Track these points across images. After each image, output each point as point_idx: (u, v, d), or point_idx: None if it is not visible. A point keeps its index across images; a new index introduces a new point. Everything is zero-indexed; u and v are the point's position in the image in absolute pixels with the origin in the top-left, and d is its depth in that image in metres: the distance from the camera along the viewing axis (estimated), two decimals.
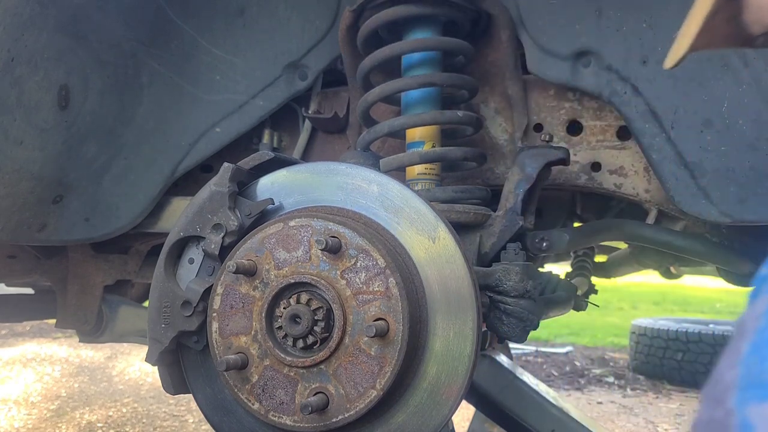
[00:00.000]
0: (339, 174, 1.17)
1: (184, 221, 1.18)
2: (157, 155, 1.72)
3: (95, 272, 2.02)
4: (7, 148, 1.42)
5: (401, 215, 1.12)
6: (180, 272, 1.20)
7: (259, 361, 1.09)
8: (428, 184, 1.51)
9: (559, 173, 1.62)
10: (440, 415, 1.07)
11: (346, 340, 1.04)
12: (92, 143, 1.62)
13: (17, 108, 1.42)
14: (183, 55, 1.71)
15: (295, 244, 1.08)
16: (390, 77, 1.56)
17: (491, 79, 1.65)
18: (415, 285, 1.08)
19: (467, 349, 1.06)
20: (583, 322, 8.31)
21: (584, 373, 5.62)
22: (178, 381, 1.22)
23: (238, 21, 1.71)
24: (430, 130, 1.52)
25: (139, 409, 4.22)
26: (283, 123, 1.88)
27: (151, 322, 1.18)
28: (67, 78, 1.51)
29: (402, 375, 1.05)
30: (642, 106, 1.44)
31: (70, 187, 1.62)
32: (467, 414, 3.43)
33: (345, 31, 1.58)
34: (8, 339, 6.48)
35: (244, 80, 1.73)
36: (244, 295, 1.10)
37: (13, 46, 1.36)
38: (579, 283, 2.59)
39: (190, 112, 1.73)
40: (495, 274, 1.27)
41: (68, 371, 5.21)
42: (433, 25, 1.53)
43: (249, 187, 1.21)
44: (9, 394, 4.43)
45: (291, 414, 1.06)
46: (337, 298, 1.04)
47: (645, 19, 1.43)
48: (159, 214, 1.78)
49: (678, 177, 1.42)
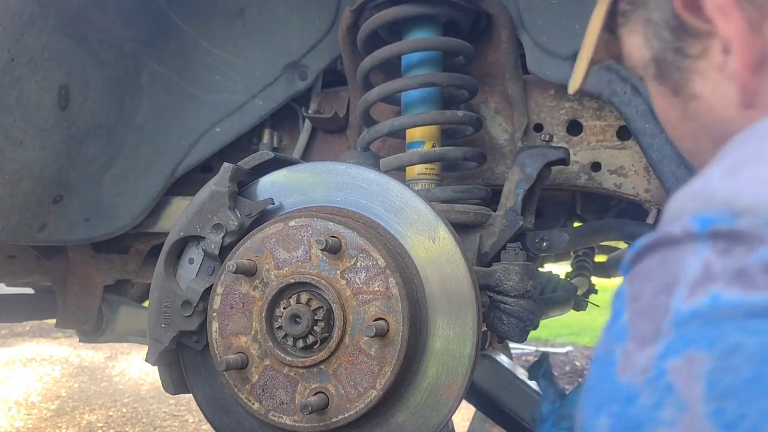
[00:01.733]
0: (339, 174, 1.17)
1: (184, 221, 1.18)
2: (157, 155, 1.72)
3: (95, 272, 2.02)
4: (7, 148, 1.42)
5: (401, 215, 1.12)
6: (180, 272, 1.20)
7: (259, 361, 1.08)
8: (428, 184, 1.51)
9: (559, 173, 1.62)
10: (440, 415, 1.07)
11: (346, 340, 1.04)
12: (92, 143, 1.62)
13: (17, 108, 1.42)
14: (183, 56, 1.71)
15: (295, 244, 1.08)
16: (390, 77, 1.56)
17: (491, 79, 1.65)
18: (415, 285, 1.08)
19: (467, 349, 1.06)
20: (583, 322, 8.30)
21: (584, 373, 5.62)
22: (178, 381, 1.22)
23: (238, 21, 1.71)
24: (430, 130, 1.52)
25: (139, 409, 4.22)
26: (283, 123, 1.88)
27: (151, 322, 1.17)
28: (67, 78, 1.51)
29: (402, 375, 1.05)
30: (642, 105, 1.44)
31: (70, 187, 1.62)
32: (467, 414, 3.43)
33: (345, 31, 1.58)
34: (8, 339, 6.48)
35: (244, 80, 1.73)
36: (244, 294, 1.10)
37: (14, 46, 1.36)
38: (579, 283, 2.60)
39: (190, 112, 1.73)
40: (495, 274, 1.27)
41: (68, 371, 5.21)
42: (433, 25, 1.53)
43: (249, 187, 1.21)
44: (9, 394, 4.43)
45: (291, 414, 1.06)
46: (337, 298, 1.04)
47: None
48: (159, 214, 1.78)
49: (678, 177, 1.42)
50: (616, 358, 0.51)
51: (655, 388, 0.46)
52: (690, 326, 0.47)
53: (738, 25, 0.63)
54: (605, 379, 0.51)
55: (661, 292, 0.50)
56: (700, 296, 0.47)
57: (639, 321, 0.50)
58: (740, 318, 0.45)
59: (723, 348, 0.44)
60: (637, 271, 0.54)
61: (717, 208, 0.49)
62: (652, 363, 0.47)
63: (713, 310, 0.46)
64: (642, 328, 0.50)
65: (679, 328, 0.47)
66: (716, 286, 0.46)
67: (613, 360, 0.51)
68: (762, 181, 0.47)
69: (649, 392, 0.47)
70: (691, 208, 0.51)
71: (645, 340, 0.49)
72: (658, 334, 0.48)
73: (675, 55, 0.71)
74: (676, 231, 0.51)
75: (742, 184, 0.48)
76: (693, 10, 0.67)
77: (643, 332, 0.49)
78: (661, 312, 0.49)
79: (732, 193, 0.49)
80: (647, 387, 0.47)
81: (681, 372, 0.45)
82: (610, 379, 0.50)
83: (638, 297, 0.52)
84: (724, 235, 0.47)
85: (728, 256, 0.47)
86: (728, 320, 0.45)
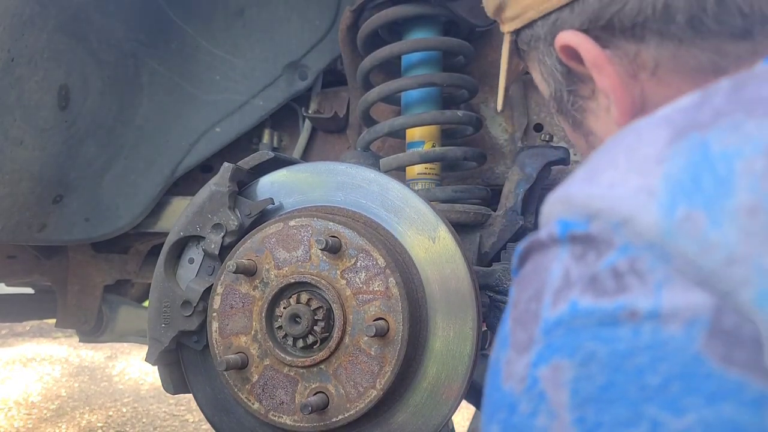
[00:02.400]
0: (339, 174, 1.17)
1: (184, 221, 1.18)
2: (157, 155, 1.72)
3: (95, 272, 2.02)
4: (7, 148, 1.42)
5: (401, 215, 1.12)
6: (180, 272, 1.20)
7: (259, 360, 1.09)
8: (428, 183, 1.51)
9: (559, 173, 1.62)
10: (440, 415, 1.07)
11: (346, 340, 1.04)
12: (92, 143, 1.62)
13: (17, 108, 1.42)
14: (183, 55, 1.71)
15: (295, 244, 1.08)
16: (390, 77, 1.56)
17: (491, 79, 1.65)
18: (415, 285, 1.08)
19: (467, 349, 1.06)
20: None
21: None
22: (178, 381, 1.22)
23: (238, 21, 1.72)
24: (430, 130, 1.52)
25: (139, 409, 4.22)
26: (283, 123, 1.88)
27: (151, 322, 1.18)
28: (67, 78, 1.51)
29: (402, 375, 1.05)
30: None
31: (70, 187, 1.62)
32: (467, 414, 3.43)
33: (345, 31, 1.58)
34: (8, 339, 6.48)
35: (244, 80, 1.73)
36: (244, 294, 1.10)
37: (14, 46, 1.36)
38: None
39: (190, 112, 1.73)
40: (495, 273, 1.27)
41: (68, 371, 5.21)
42: (433, 25, 1.53)
43: (249, 186, 1.21)
44: (9, 394, 4.43)
45: (291, 414, 1.06)
46: (337, 298, 1.04)
47: None
48: (159, 214, 1.78)
49: None
50: (502, 365, 0.52)
51: (530, 396, 0.48)
52: (555, 334, 0.48)
53: (612, 79, 0.68)
54: (494, 387, 0.53)
55: (532, 299, 0.51)
56: (561, 304, 0.48)
57: (517, 328, 0.52)
58: (593, 326, 0.46)
59: (582, 356, 0.45)
60: (517, 277, 0.55)
61: (574, 212, 0.49)
62: (527, 371, 0.49)
63: (572, 318, 0.47)
64: (519, 335, 0.51)
65: (546, 335, 0.48)
66: (573, 293, 0.47)
67: (499, 368, 0.52)
68: (612, 186, 0.47)
69: (526, 400, 0.48)
70: (556, 212, 0.52)
71: (521, 348, 0.50)
72: (530, 342, 0.49)
73: (569, 95, 0.76)
74: (543, 235, 0.52)
75: (595, 189, 0.49)
76: (576, 59, 0.71)
77: (520, 340, 0.51)
78: (532, 319, 0.50)
79: (586, 197, 0.49)
80: (524, 395, 0.48)
81: (550, 380, 0.47)
82: (497, 388, 0.52)
83: (517, 303, 0.53)
84: (580, 239, 0.48)
85: (582, 262, 0.47)
86: (584, 328, 0.46)
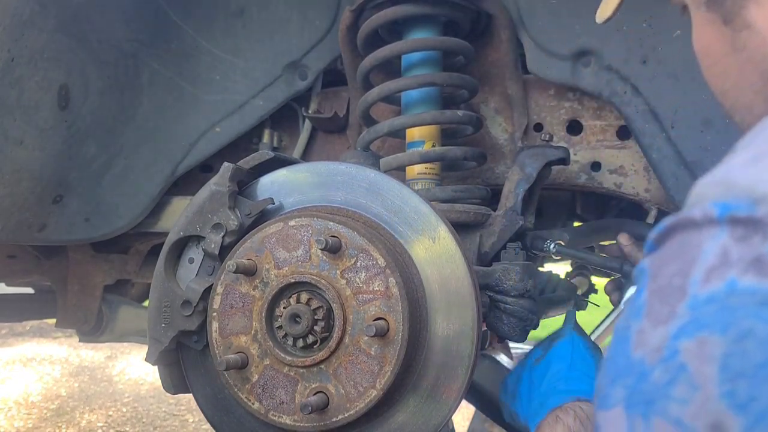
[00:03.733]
0: (339, 174, 1.17)
1: (184, 221, 1.17)
2: (157, 155, 1.72)
3: (95, 272, 2.02)
4: (7, 148, 1.42)
5: (401, 215, 1.12)
6: (180, 272, 1.20)
7: (259, 360, 1.08)
8: (428, 183, 1.51)
9: (559, 173, 1.62)
10: (440, 415, 1.07)
11: (346, 340, 1.04)
12: (92, 143, 1.62)
13: (17, 108, 1.42)
14: (183, 56, 1.71)
15: (295, 244, 1.08)
16: (390, 77, 1.56)
17: (491, 79, 1.65)
18: (415, 284, 1.08)
19: (467, 349, 1.06)
20: (583, 322, 8.31)
21: None
22: (178, 380, 1.22)
23: (238, 21, 1.72)
24: (430, 130, 1.52)
25: (139, 409, 4.22)
26: (283, 123, 1.88)
27: (151, 322, 1.17)
28: (67, 78, 1.51)
29: (402, 375, 1.05)
30: (642, 105, 1.44)
31: (70, 187, 1.62)
32: (467, 414, 3.43)
33: (345, 31, 1.58)
34: (8, 339, 6.48)
35: (244, 80, 1.73)
36: (244, 294, 1.10)
37: (13, 46, 1.36)
38: (579, 283, 2.60)
39: (190, 112, 1.73)
40: (495, 273, 1.27)
41: (68, 371, 5.21)
42: (433, 24, 1.53)
43: (249, 186, 1.21)
44: (9, 394, 4.43)
45: (291, 413, 1.06)
46: (337, 298, 1.04)
47: (645, 19, 1.44)
48: (159, 214, 1.78)
49: (678, 177, 1.42)
50: (632, 333, 0.53)
51: (667, 366, 0.48)
52: (705, 310, 0.48)
53: None
54: (620, 353, 0.54)
55: (678, 274, 0.51)
56: (716, 281, 0.49)
57: (655, 301, 0.53)
58: (754, 305, 0.46)
59: (737, 333, 0.46)
60: (658, 251, 0.56)
61: (737, 195, 0.50)
62: (665, 342, 0.49)
63: (728, 295, 0.48)
64: (657, 308, 0.52)
65: (693, 310, 0.49)
66: (732, 272, 0.48)
67: (628, 336, 0.53)
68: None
69: (661, 370, 0.49)
70: (712, 194, 0.52)
71: (659, 319, 0.51)
72: (672, 316, 0.50)
73: None
74: (696, 215, 0.52)
75: (763, 173, 0.49)
76: None
77: (658, 312, 0.52)
78: (676, 294, 0.51)
79: (753, 181, 0.49)
80: (660, 365, 0.49)
81: (694, 353, 0.47)
82: (624, 354, 0.53)
83: (656, 277, 0.54)
84: (742, 222, 0.49)
85: (746, 243, 0.48)
86: (743, 306, 0.47)
